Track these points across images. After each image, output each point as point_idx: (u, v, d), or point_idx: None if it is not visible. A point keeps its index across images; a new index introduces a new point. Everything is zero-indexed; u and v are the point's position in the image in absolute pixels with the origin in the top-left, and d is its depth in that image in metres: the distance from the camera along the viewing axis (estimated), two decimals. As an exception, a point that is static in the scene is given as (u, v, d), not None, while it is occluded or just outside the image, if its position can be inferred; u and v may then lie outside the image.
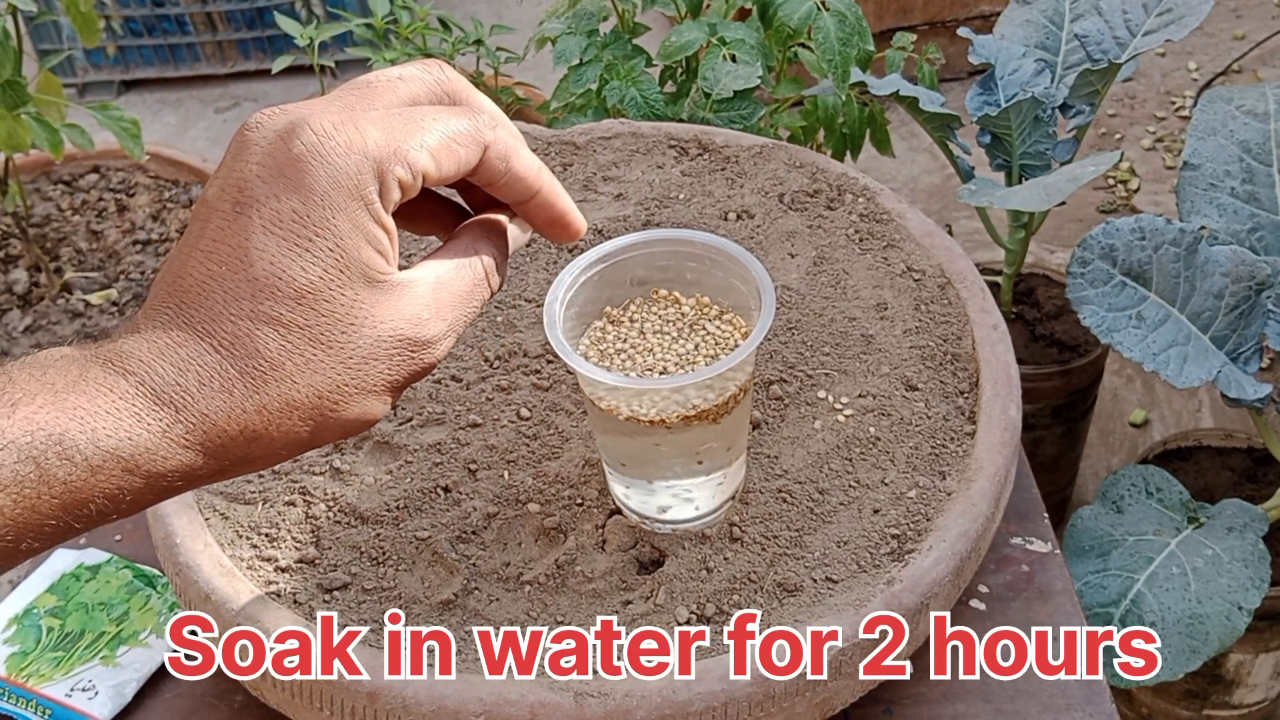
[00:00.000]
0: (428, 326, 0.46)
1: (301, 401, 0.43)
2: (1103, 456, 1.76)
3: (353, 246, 0.44)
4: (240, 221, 0.43)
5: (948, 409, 0.68)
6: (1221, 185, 1.09)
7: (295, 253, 0.43)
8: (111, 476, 0.40)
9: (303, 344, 0.43)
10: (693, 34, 1.09)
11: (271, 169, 0.43)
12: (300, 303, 0.43)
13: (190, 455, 0.42)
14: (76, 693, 0.69)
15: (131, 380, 0.41)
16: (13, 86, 1.18)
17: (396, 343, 0.45)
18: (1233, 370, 1.00)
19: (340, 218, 0.43)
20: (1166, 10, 1.15)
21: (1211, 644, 0.95)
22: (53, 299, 1.53)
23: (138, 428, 0.41)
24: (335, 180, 0.43)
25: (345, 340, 0.44)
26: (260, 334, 0.43)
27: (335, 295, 0.43)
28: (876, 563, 0.61)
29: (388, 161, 0.44)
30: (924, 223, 0.80)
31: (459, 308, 0.47)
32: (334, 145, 0.43)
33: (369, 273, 0.44)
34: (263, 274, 0.43)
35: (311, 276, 0.43)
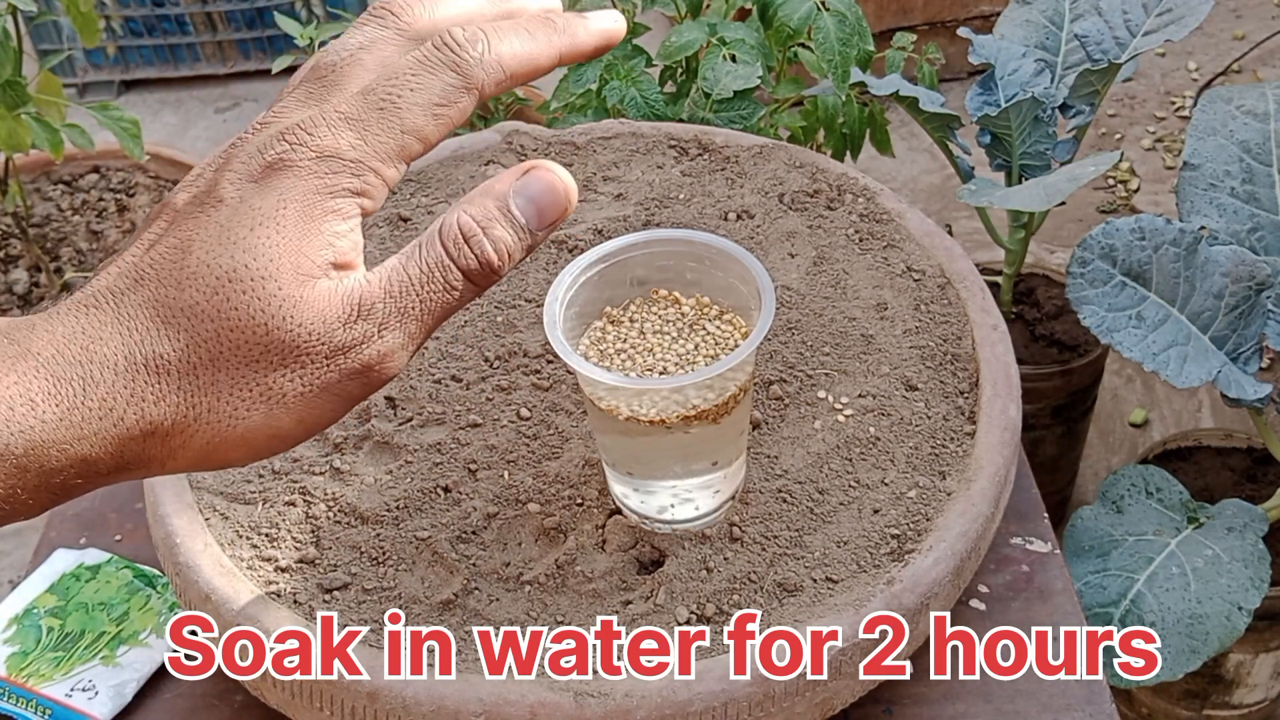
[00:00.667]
0: (352, 329, 0.41)
1: (199, 400, 0.40)
2: (1103, 456, 1.76)
3: (294, 239, 0.40)
4: (194, 218, 0.41)
5: (948, 409, 0.68)
6: (1221, 185, 1.09)
7: (230, 241, 0.40)
8: (8, 476, 0.38)
9: (212, 337, 0.40)
10: (693, 34, 1.09)
11: (244, 175, 0.41)
12: (218, 293, 0.40)
13: (85, 448, 0.39)
14: (76, 693, 0.69)
15: (31, 360, 0.39)
16: (13, 86, 1.18)
17: (310, 348, 0.41)
18: (1233, 370, 1.00)
19: (290, 211, 0.41)
20: (1166, 10, 1.15)
21: (1211, 644, 0.95)
22: (53, 299, 1.53)
23: (31, 417, 0.38)
24: (302, 181, 0.41)
25: (255, 339, 0.40)
26: (175, 322, 0.40)
27: (257, 286, 0.40)
28: (876, 563, 0.61)
29: (367, 159, 0.41)
30: (924, 223, 0.80)
31: (399, 300, 0.42)
32: (305, 152, 0.41)
33: (303, 268, 0.41)
34: (195, 263, 0.40)
35: (236, 261, 0.40)
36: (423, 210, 0.83)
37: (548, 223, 0.44)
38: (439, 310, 0.42)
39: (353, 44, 0.44)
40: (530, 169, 0.43)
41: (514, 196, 0.43)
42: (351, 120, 0.41)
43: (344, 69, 0.43)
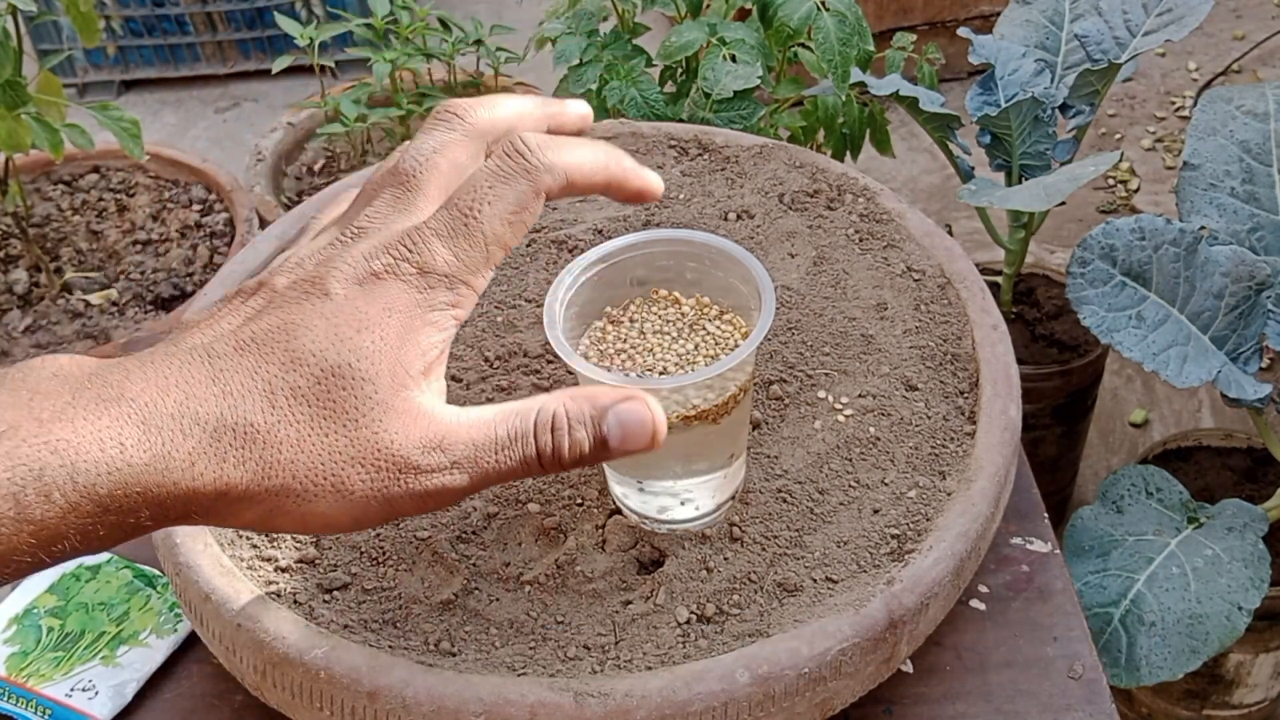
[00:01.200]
0: (428, 456, 0.45)
1: (274, 473, 0.43)
2: (1103, 456, 1.76)
3: (395, 348, 0.44)
4: (303, 307, 0.44)
5: (948, 409, 0.68)
6: (1221, 185, 1.09)
7: (337, 336, 0.44)
8: (85, 515, 0.40)
9: (303, 420, 0.43)
10: (693, 34, 1.09)
11: (351, 278, 0.45)
12: (320, 382, 0.43)
13: (163, 494, 0.41)
14: (76, 693, 0.69)
15: (126, 405, 0.41)
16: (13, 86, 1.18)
17: (388, 458, 0.44)
18: (1232, 370, 1.00)
19: (395, 319, 0.44)
20: (1166, 10, 1.15)
21: (1211, 644, 0.95)
22: (53, 299, 1.53)
23: (120, 460, 0.40)
24: (404, 294, 0.44)
25: (341, 431, 0.44)
26: (271, 398, 0.43)
27: (355, 386, 0.44)
28: (876, 563, 0.61)
29: (459, 276, 0.45)
30: (924, 223, 0.80)
31: (479, 452, 0.45)
32: (407, 267, 0.45)
33: (399, 379, 0.44)
34: (300, 347, 0.43)
35: (341, 358, 0.43)
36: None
37: (626, 449, 0.48)
38: (505, 474, 0.46)
39: (426, 149, 0.48)
40: (635, 398, 0.48)
41: (611, 414, 0.47)
42: (443, 238, 0.45)
43: (423, 175, 0.47)
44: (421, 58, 1.50)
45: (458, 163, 0.48)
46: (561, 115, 0.52)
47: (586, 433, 0.47)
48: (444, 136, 0.48)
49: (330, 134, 1.49)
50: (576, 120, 0.52)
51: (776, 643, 0.56)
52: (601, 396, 0.47)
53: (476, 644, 0.58)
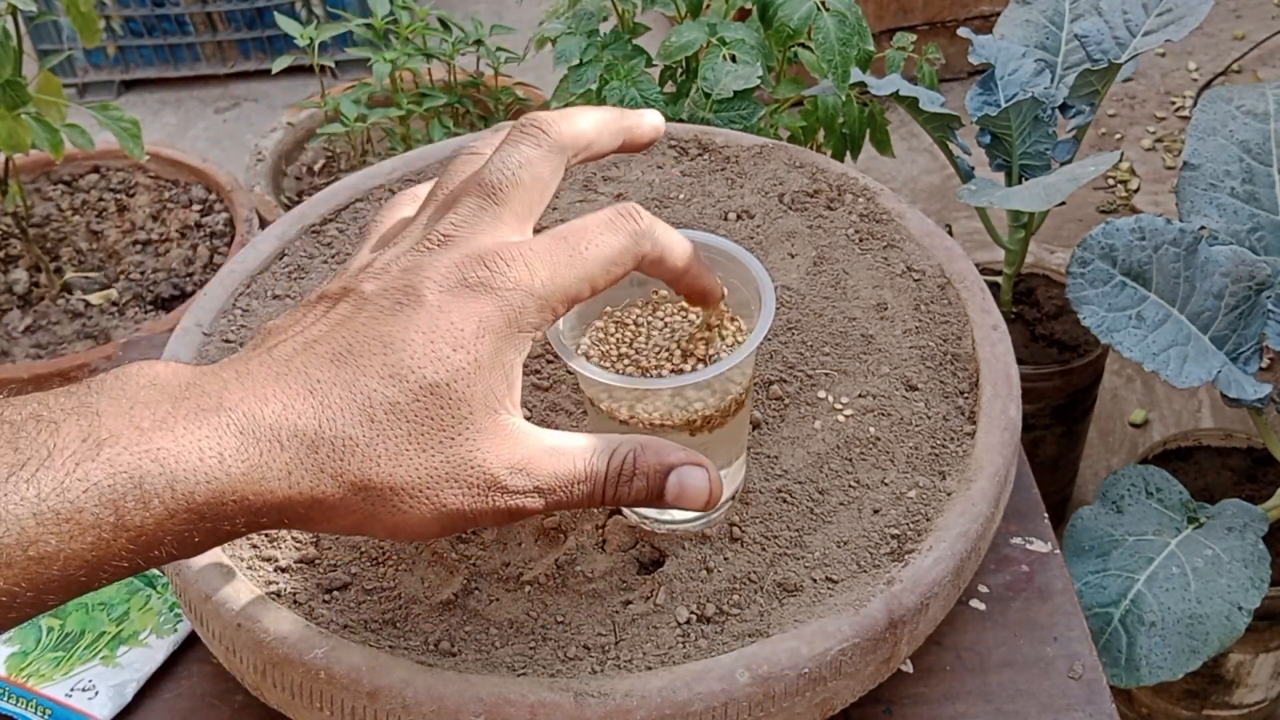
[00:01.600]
0: (515, 478, 0.46)
1: (373, 486, 0.44)
2: (1103, 456, 1.76)
3: (488, 370, 0.45)
4: (399, 318, 0.45)
5: (948, 409, 0.68)
6: (1221, 185, 1.09)
7: (435, 354, 0.44)
8: (182, 521, 0.41)
9: (401, 435, 0.44)
10: (693, 34, 1.09)
11: (444, 286, 0.45)
12: (419, 399, 0.44)
13: (259, 503, 0.42)
14: (76, 693, 0.69)
15: (225, 416, 0.42)
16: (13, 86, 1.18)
17: (480, 475, 0.46)
18: (1232, 370, 1.00)
19: (488, 340, 0.45)
20: (1166, 10, 1.15)
21: (1211, 644, 0.95)
22: (53, 299, 1.53)
23: (218, 470, 0.41)
24: (499, 310, 0.45)
25: (439, 448, 0.45)
26: (370, 412, 0.44)
27: (452, 405, 0.45)
28: (876, 563, 0.60)
29: (551, 300, 0.47)
30: (924, 223, 0.80)
31: (557, 482, 0.48)
32: (505, 281, 0.46)
33: (490, 401, 0.46)
34: (399, 362, 0.44)
35: (440, 377, 0.44)
36: (423, 210, 0.83)
37: (678, 505, 0.51)
38: (571, 505, 0.49)
39: (513, 163, 0.49)
40: (701, 465, 0.51)
41: (674, 475, 0.50)
42: (545, 260, 0.47)
43: (509, 189, 0.49)
44: (421, 58, 1.50)
45: (541, 178, 0.49)
46: (638, 128, 0.54)
47: (648, 484, 0.50)
48: (529, 152, 0.49)
49: (330, 134, 1.49)
50: (650, 133, 0.54)
51: (776, 643, 0.56)
52: (672, 455, 0.50)
53: (476, 644, 0.58)
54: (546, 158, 0.50)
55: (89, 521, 0.39)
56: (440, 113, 1.54)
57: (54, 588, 0.40)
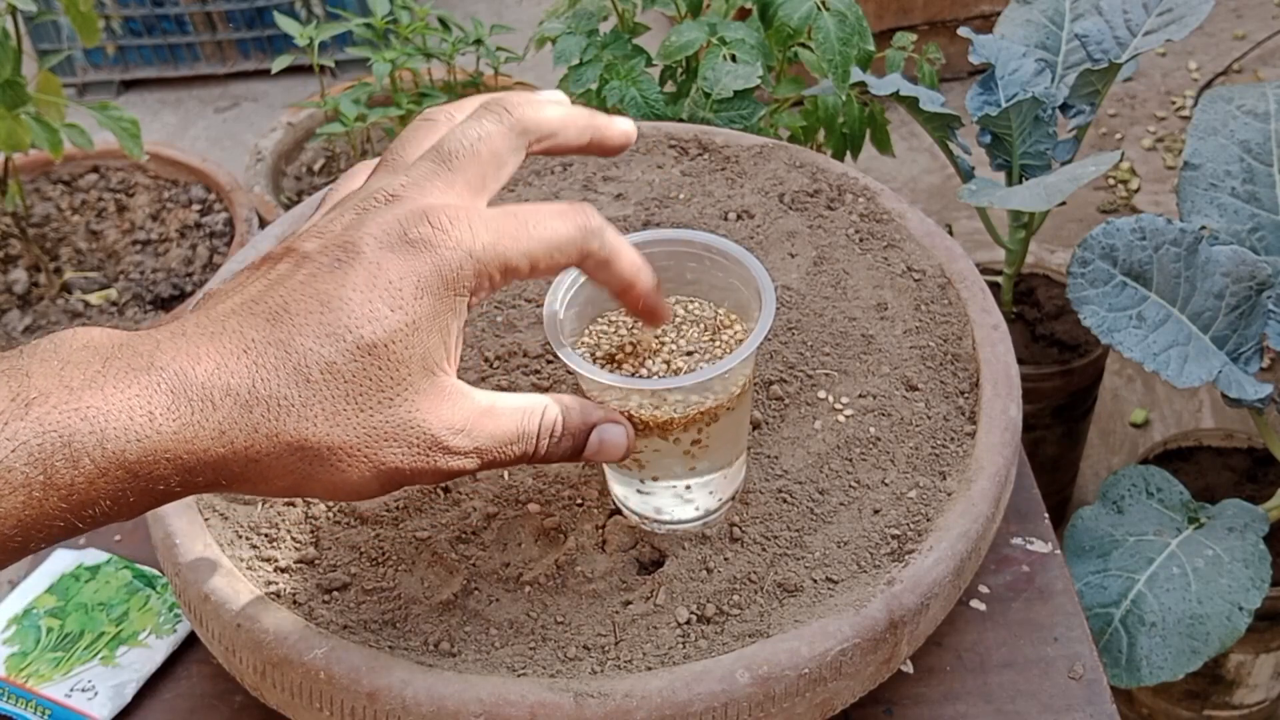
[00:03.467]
0: (455, 438, 0.47)
1: (309, 445, 0.44)
2: (1103, 457, 1.76)
3: (425, 332, 0.45)
4: (336, 275, 0.45)
5: (948, 409, 0.68)
6: (1222, 185, 1.09)
7: (373, 315, 0.44)
8: (115, 480, 0.41)
9: (339, 395, 0.44)
10: (693, 34, 1.09)
11: (384, 242, 0.45)
12: (356, 359, 0.44)
13: (193, 462, 0.42)
14: (76, 693, 0.69)
15: (156, 375, 0.42)
16: (12, 86, 1.18)
17: (421, 435, 0.46)
18: (1233, 370, 1.00)
19: (426, 301, 0.45)
20: (1167, 10, 1.15)
21: (1212, 644, 0.95)
22: (52, 299, 1.53)
23: (149, 428, 0.41)
24: (437, 270, 0.45)
25: (378, 409, 0.45)
26: (305, 372, 0.43)
27: (391, 366, 0.45)
28: (877, 563, 0.60)
29: (490, 265, 0.46)
30: (924, 223, 0.80)
31: (494, 443, 0.48)
32: (445, 239, 0.45)
33: (429, 362, 0.46)
34: (336, 321, 0.44)
35: (377, 337, 0.44)
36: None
37: (597, 459, 0.54)
38: (504, 464, 0.50)
39: (472, 135, 0.49)
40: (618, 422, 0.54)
41: (597, 431, 0.53)
42: (490, 227, 0.46)
43: (465, 158, 0.49)
44: (421, 57, 1.50)
45: (498, 153, 0.49)
46: (607, 129, 0.53)
47: (573, 443, 0.52)
48: (491, 127, 0.49)
49: (330, 134, 1.49)
50: (620, 137, 0.54)
51: (776, 643, 0.56)
52: (593, 414, 0.53)
53: (476, 644, 0.58)
54: (506, 136, 0.50)
55: (19, 480, 0.39)
56: (440, 112, 1.53)
57: None
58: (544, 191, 0.84)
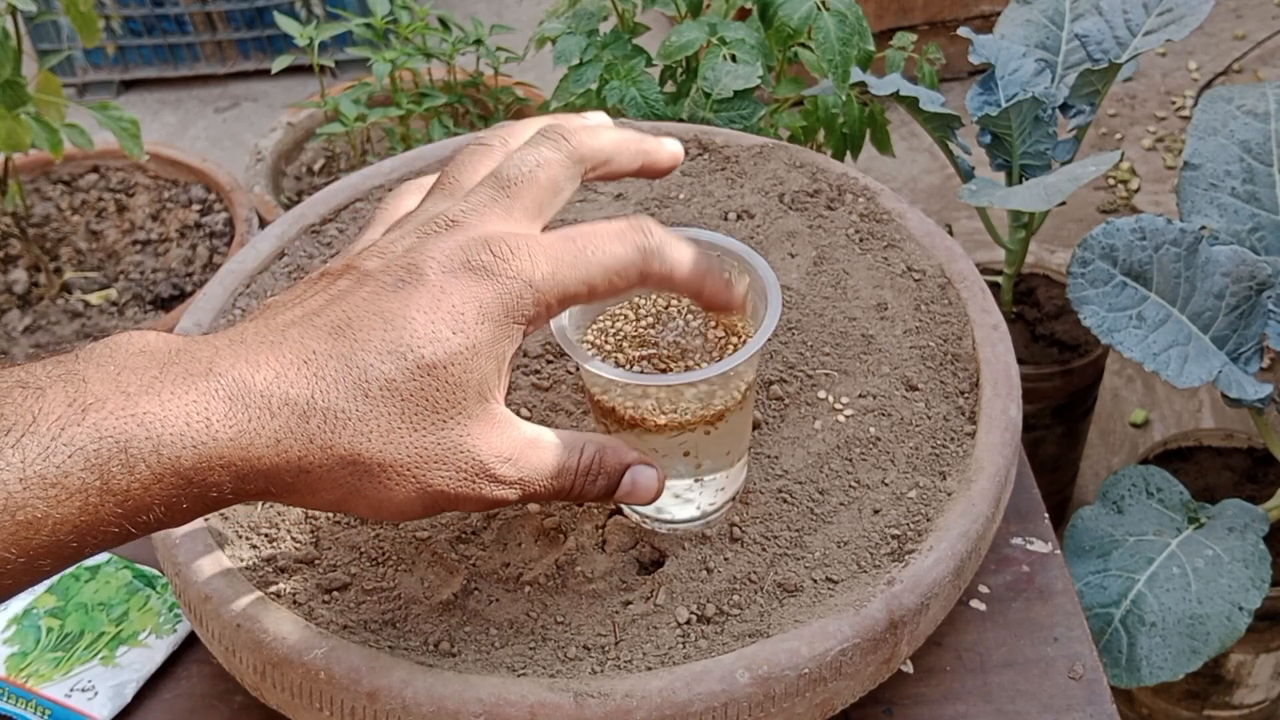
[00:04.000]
0: (503, 467, 0.47)
1: (361, 460, 0.44)
2: (1103, 456, 1.76)
3: (483, 357, 0.46)
4: (400, 295, 0.45)
5: (948, 409, 0.68)
6: (1222, 185, 1.09)
7: (435, 336, 0.45)
8: (170, 486, 0.41)
9: (395, 413, 0.44)
10: (693, 34, 1.09)
11: (447, 267, 0.46)
12: (415, 378, 0.44)
13: (245, 468, 0.42)
14: (76, 693, 0.69)
15: (214, 381, 0.42)
16: (12, 86, 1.18)
17: (470, 461, 0.46)
18: (1233, 370, 1.00)
19: (486, 327, 0.45)
20: (1167, 10, 1.15)
21: (1212, 644, 0.95)
22: (52, 299, 1.53)
23: (205, 434, 0.41)
24: (499, 298, 0.46)
25: (431, 430, 0.45)
26: (365, 386, 0.44)
27: (448, 389, 0.45)
28: (877, 563, 0.60)
29: (549, 295, 0.46)
30: (924, 223, 0.80)
31: (537, 476, 0.49)
32: (507, 268, 0.46)
33: (483, 388, 0.46)
34: (398, 339, 0.44)
35: (438, 358, 0.44)
36: (422, 210, 0.83)
37: (627, 501, 0.55)
38: (542, 498, 0.51)
39: (530, 161, 0.49)
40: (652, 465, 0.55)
41: (631, 471, 0.53)
42: (550, 255, 0.47)
43: (524, 185, 0.49)
44: (421, 58, 1.50)
45: (555, 180, 0.50)
46: (657, 154, 0.54)
47: (608, 482, 0.53)
48: (549, 154, 0.50)
49: (330, 134, 1.49)
50: (669, 160, 0.55)
51: (776, 643, 0.56)
52: (628, 455, 0.53)
53: (476, 644, 0.58)
54: (564, 164, 0.50)
55: (75, 486, 0.39)
56: (440, 112, 1.54)
57: (44, 553, 0.40)
58: (544, 191, 0.84)
